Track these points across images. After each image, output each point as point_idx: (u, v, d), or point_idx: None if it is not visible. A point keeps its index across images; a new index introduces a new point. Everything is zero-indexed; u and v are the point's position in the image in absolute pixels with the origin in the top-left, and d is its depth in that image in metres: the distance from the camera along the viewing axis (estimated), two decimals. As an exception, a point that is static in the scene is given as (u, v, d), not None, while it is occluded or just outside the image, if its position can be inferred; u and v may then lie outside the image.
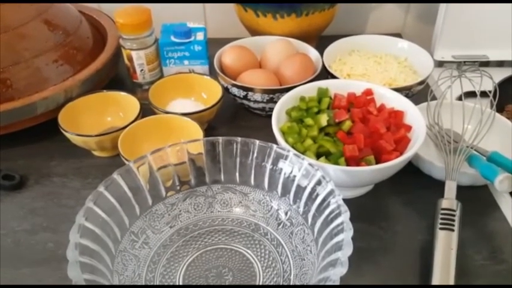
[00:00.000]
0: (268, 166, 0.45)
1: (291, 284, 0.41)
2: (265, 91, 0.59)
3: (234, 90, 0.61)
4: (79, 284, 0.33)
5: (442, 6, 0.71)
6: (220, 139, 0.46)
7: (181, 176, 0.46)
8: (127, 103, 0.59)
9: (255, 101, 0.61)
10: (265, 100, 0.60)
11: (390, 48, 0.69)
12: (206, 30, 0.67)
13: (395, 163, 0.45)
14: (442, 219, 0.44)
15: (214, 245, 0.45)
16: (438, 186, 0.48)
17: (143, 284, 0.41)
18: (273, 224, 0.46)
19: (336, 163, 0.47)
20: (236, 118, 0.65)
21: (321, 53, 0.65)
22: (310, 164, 0.43)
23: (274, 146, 0.45)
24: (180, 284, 0.42)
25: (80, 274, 0.33)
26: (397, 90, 0.56)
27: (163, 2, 0.80)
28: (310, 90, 0.56)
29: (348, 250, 0.34)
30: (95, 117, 0.59)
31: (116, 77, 0.68)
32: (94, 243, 0.37)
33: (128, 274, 0.41)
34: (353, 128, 0.51)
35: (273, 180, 0.46)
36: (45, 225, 0.50)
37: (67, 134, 0.54)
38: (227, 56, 0.64)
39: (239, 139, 0.46)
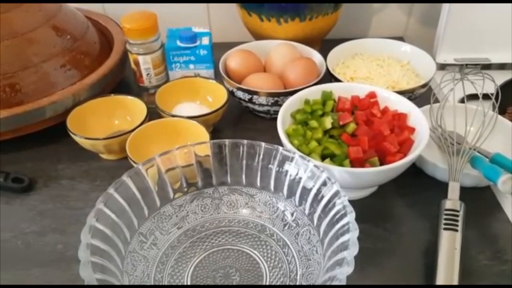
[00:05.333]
0: (274, 168, 0.46)
1: (298, 283, 0.42)
2: (270, 94, 0.60)
3: (239, 94, 0.62)
4: (91, 284, 0.33)
5: (444, 9, 0.71)
6: (227, 141, 0.46)
7: (188, 178, 0.47)
8: (134, 107, 0.60)
9: (260, 104, 0.62)
10: (270, 103, 0.61)
11: (393, 52, 0.70)
12: (211, 34, 0.68)
13: (399, 164, 0.46)
14: (445, 219, 0.44)
15: (221, 246, 0.46)
16: (441, 188, 0.49)
17: (152, 284, 0.42)
18: (279, 225, 0.47)
19: (341, 165, 0.47)
20: (241, 121, 0.66)
21: (325, 57, 0.66)
22: (315, 166, 0.43)
23: (280, 148, 0.46)
24: (188, 284, 0.43)
25: (91, 274, 0.34)
26: (400, 93, 0.56)
27: (167, 2, 0.81)
28: (314, 93, 0.57)
29: (354, 250, 0.35)
30: (102, 121, 0.60)
31: (123, 81, 0.69)
32: (104, 244, 0.38)
33: (137, 274, 0.42)
34: (357, 130, 0.52)
35: (278, 182, 0.46)
36: (54, 227, 0.50)
37: (75, 138, 0.55)
38: (232, 60, 0.65)
39: (245, 142, 0.46)
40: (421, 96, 0.62)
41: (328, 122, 0.52)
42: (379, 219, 0.51)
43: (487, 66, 0.74)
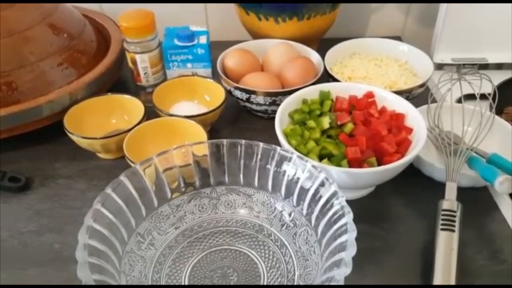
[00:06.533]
0: (272, 168, 0.46)
1: (295, 284, 0.42)
2: (268, 94, 0.60)
3: (237, 93, 0.62)
4: (88, 285, 0.33)
5: (442, 9, 0.71)
6: (225, 141, 0.46)
7: (186, 178, 0.47)
8: (131, 106, 0.60)
9: (258, 104, 0.62)
10: (267, 103, 0.61)
11: (390, 51, 0.70)
12: (209, 33, 0.68)
13: (397, 165, 0.46)
14: (443, 220, 0.44)
15: (218, 246, 0.46)
16: (439, 188, 0.49)
17: (149, 284, 0.42)
18: (277, 225, 0.47)
19: (339, 165, 0.47)
20: (239, 120, 0.66)
21: (322, 56, 0.66)
22: (313, 166, 0.43)
23: (278, 148, 0.46)
24: (186, 284, 0.43)
25: (89, 274, 0.34)
26: (398, 93, 0.57)
27: (165, 1, 0.81)
28: (312, 93, 0.57)
29: (351, 250, 0.35)
30: (99, 120, 0.60)
31: (120, 80, 0.69)
32: (102, 244, 0.38)
33: (134, 275, 0.41)
34: (355, 130, 0.52)
35: (276, 182, 0.46)
36: (51, 227, 0.50)
37: (73, 137, 0.55)
38: (230, 59, 0.65)
39: (243, 141, 0.46)
40: (419, 96, 0.62)
41: (326, 122, 0.52)
42: (377, 219, 0.51)
43: (484, 66, 0.74)
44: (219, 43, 0.70)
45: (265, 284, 0.43)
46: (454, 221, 0.44)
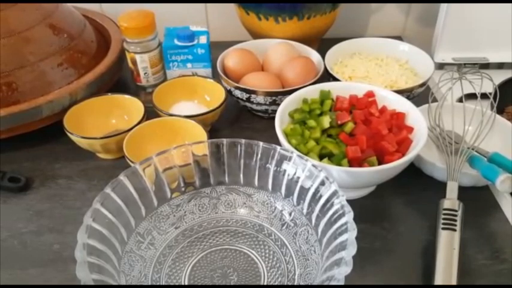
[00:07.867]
0: (272, 167, 0.46)
1: (295, 283, 0.42)
2: (268, 93, 0.60)
3: (237, 93, 0.62)
4: (87, 284, 0.33)
5: (442, 9, 0.71)
6: (225, 141, 0.46)
7: (186, 178, 0.47)
8: (131, 106, 0.60)
9: (258, 103, 0.61)
10: (267, 102, 0.61)
11: (391, 51, 0.69)
12: (209, 33, 0.68)
13: (397, 164, 0.46)
14: (444, 219, 0.44)
15: (219, 246, 0.46)
16: (440, 187, 0.49)
17: (149, 284, 0.42)
18: (277, 225, 0.47)
19: (339, 164, 0.47)
20: (239, 120, 0.66)
21: (323, 56, 0.66)
22: (313, 165, 0.43)
23: (278, 147, 0.45)
24: (186, 284, 0.42)
25: (88, 274, 0.34)
26: (399, 92, 0.56)
27: (165, 1, 0.81)
28: (312, 92, 0.56)
29: (352, 249, 0.35)
30: (99, 120, 0.60)
31: (120, 80, 0.69)
32: (101, 244, 0.38)
33: (134, 274, 0.41)
34: (355, 130, 0.51)
35: (276, 182, 0.46)
36: (51, 227, 0.50)
37: (72, 137, 0.55)
38: (230, 59, 0.65)
39: (243, 141, 0.46)
40: (420, 95, 0.62)
41: (326, 121, 0.52)
42: (378, 219, 0.50)
43: (485, 66, 0.74)
44: (219, 43, 0.70)
45: (265, 283, 0.42)
46: (456, 220, 0.44)
